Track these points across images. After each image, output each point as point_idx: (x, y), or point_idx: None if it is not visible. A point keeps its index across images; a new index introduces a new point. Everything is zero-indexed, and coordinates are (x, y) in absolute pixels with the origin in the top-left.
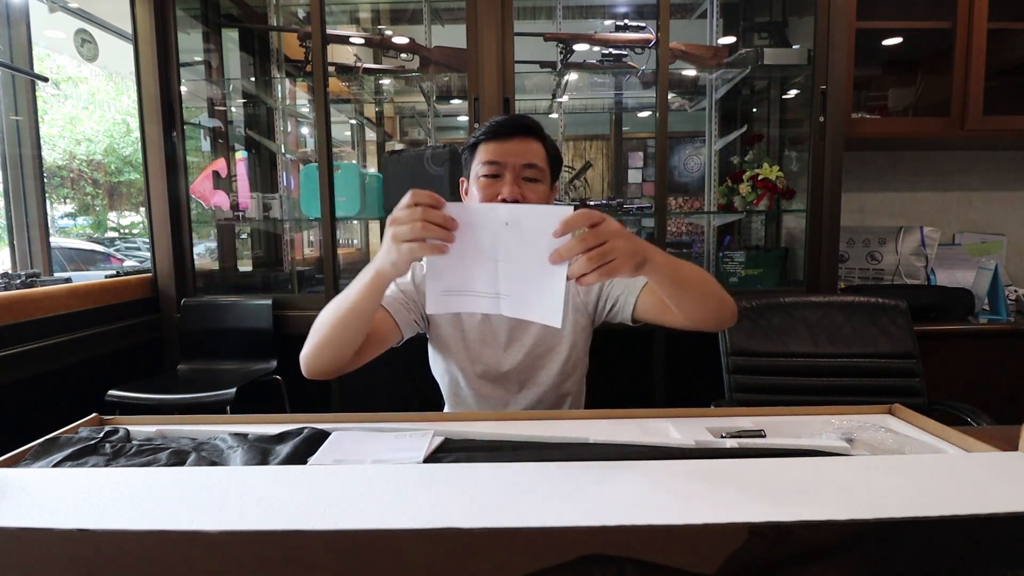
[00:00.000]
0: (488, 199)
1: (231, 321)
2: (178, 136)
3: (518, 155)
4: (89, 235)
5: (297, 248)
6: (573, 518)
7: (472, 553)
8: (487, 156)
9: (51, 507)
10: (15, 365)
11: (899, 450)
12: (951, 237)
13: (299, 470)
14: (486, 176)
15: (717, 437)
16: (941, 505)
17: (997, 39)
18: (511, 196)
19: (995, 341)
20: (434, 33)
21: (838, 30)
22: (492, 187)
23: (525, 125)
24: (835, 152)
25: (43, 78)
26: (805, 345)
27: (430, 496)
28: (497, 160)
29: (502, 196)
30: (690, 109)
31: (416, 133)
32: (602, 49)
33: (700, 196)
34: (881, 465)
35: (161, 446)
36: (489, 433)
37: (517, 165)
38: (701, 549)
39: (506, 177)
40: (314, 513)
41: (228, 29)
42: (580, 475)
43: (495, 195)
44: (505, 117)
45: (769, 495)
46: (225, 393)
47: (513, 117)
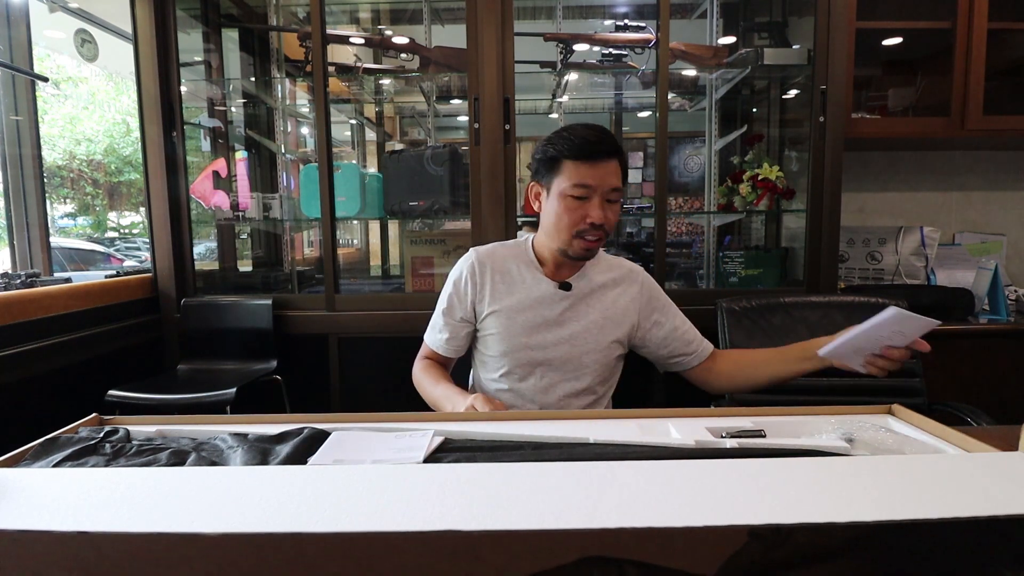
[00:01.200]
0: (576, 220)
1: (231, 321)
2: (178, 136)
3: (606, 180)
4: (89, 235)
5: (297, 248)
6: (573, 519)
7: (472, 555)
8: (578, 179)
9: (51, 507)
10: (15, 365)
11: (899, 450)
12: (951, 237)
13: (299, 470)
14: (575, 198)
15: (717, 437)
16: (941, 506)
17: (997, 39)
18: (599, 220)
19: (995, 341)
20: (434, 33)
21: (838, 30)
22: (580, 209)
23: (612, 147)
24: (835, 152)
25: (43, 78)
26: None
27: (430, 497)
28: (588, 184)
29: (590, 220)
30: (690, 109)
31: (416, 133)
32: (602, 49)
33: (700, 196)
34: (881, 465)
35: (161, 446)
36: (489, 433)
37: (605, 189)
38: (701, 551)
39: (594, 201)
40: (314, 515)
41: (228, 29)
42: (580, 475)
43: (583, 217)
44: (592, 134)
45: (769, 496)
46: (225, 393)
47: (600, 137)
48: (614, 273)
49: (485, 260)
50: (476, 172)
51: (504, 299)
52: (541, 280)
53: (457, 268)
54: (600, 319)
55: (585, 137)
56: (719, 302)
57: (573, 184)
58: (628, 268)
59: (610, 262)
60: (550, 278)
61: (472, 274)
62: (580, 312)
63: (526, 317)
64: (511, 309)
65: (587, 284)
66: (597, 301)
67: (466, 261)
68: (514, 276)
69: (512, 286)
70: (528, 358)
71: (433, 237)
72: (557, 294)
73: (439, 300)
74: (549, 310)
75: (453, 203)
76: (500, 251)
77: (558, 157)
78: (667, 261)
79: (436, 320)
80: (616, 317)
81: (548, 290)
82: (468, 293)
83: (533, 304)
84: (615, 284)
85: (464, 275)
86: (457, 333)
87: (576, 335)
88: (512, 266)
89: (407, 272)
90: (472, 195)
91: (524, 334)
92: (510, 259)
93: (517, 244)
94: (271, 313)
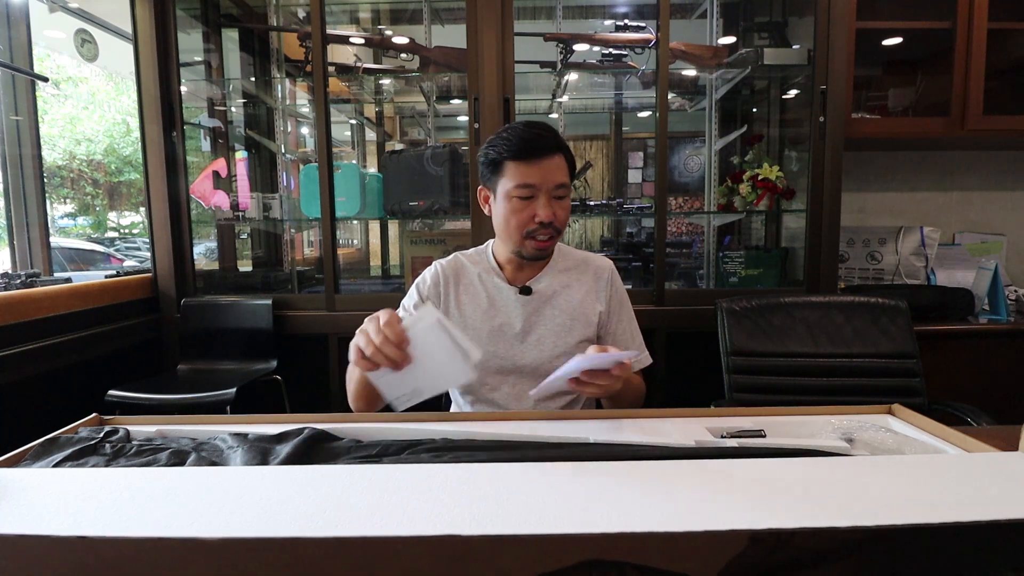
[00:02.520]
0: (524, 221)
1: (231, 321)
2: (178, 136)
3: (550, 176)
4: (89, 235)
5: (297, 248)
6: (573, 522)
7: (473, 559)
8: (520, 179)
9: (51, 508)
10: (15, 365)
11: (899, 450)
12: (951, 237)
13: (299, 471)
14: (520, 198)
15: (717, 437)
16: (942, 507)
17: (997, 39)
18: (547, 218)
19: (995, 341)
20: (434, 33)
21: (838, 30)
22: (527, 209)
23: (552, 144)
24: (835, 152)
25: (43, 78)
26: (805, 345)
27: (430, 498)
28: (531, 183)
29: (539, 218)
30: (690, 109)
31: (416, 133)
32: (602, 49)
33: (700, 196)
34: (881, 466)
35: (161, 446)
36: (489, 433)
37: (550, 187)
38: (701, 554)
39: (540, 199)
40: (314, 516)
41: (228, 29)
42: (580, 475)
43: (531, 217)
44: (528, 132)
45: (769, 498)
46: (225, 393)
47: (537, 134)
48: (577, 269)
49: (448, 271)
50: (476, 172)
51: (466, 308)
52: (502, 287)
53: (421, 279)
54: (567, 320)
55: (523, 136)
56: (719, 302)
57: (516, 185)
58: (591, 262)
59: (572, 257)
60: (511, 282)
61: (436, 283)
62: (545, 315)
63: (490, 326)
64: (475, 319)
65: (548, 285)
66: (562, 301)
67: (429, 271)
68: (475, 284)
69: (474, 296)
70: (497, 366)
71: (433, 237)
72: (519, 299)
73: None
74: (513, 317)
75: (453, 203)
76: (461, 259)
77: (499, 159)
78: (667, 261)
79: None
80: (583, 316)
81: (510, 296)
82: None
83: (496, 312)
84: (578, 280)
85: (427, 285)
86: None
87: (543, 339)
88: (473, 274)
89: (407, 272)
90: (472, 195)
91: (490, 343)
92: (471, 267)
93: (478, 251)
94: (271, 313)
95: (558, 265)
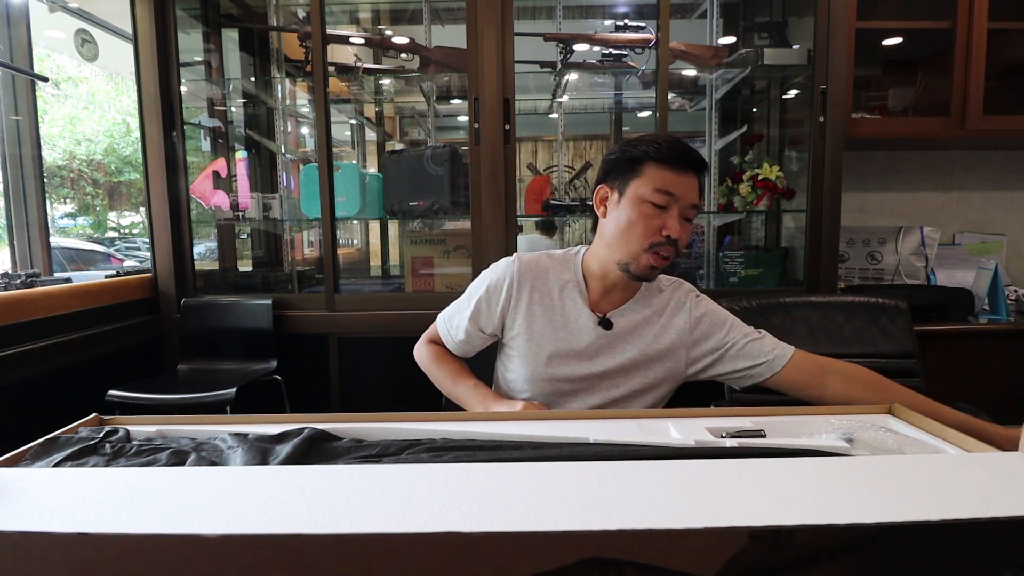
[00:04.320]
0: (652, 230)
1: (231, 321)
2: (178, 136)
3: (691, 192)
4: (89, 235)
5: (297, 248)
6: (573, 520)
7: (473, 556)
8: (663, 184)
9: (51, 508)
10: (15, 365)
11: (899, 450)
12: (951, 237)
13: (299, 471)
14: (655, 205)
15: (717, 437)
16: (942, 507)
17: (997, 39)
18: (676, 234)
19: (995, 341)
20: (434, 33)
21: (838, 30)
22: (658, 218)
23: (699, 161)
24: (835, 152)
25: (43, 78)
26: (805, 345)
27: (430, 496)
28: (673, 192)
29: (668, 231)
30: (690, 109)
31: (416, 133)
32: (602, 49)
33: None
34: (881, 465)
35: (161, 446)
36: (489, 433)
37: (686, 203)
38: (701, 552)
39: (673, 212)
40: (314, 515)
41: (228, 29)
42: (580, 475)
43: (659, 228)
44: (678, 141)
45: (769, 497)
46: (225, 393)
47: (687, 146)
48: (662, 301)
49: (526, 273)
50: (476, 172)
51: (537, 321)
52: (582, 309)
53: (495, 272)
54: (638, 356)
55: (672, 142)
56: (719, 302)
57: (655, 189)
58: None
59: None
60: (593, 307)
61: (510, 286)
62: (616, 348)
63: (555, 346)
64: (543, 335)
65: (630, 322)
66: (638, 338)
67: (507, 270)
68: (553, 296)
69: (549, 308)
70: (552, 389)
71: (433, 237)
72: (596, 330)
73: (466, 295)
74: (584, 343)
75: (453, 203)
76: (545, 263)
77: (642, 158)
78: None
79: (456, 317)
80: (658, 354)
81: (587, 323)
82: (500, 304)
83: (567, 334)
84: (659, 315)
85: (501, 285)
86: (474, 340)
87: (609, 372)
88: (555, 284)
89: (407, 272)
90: (472, 195)
91: (548, 364)
92: (553, 276)
93: (567, 257)
94: (271, 313)
95: (646, 297)
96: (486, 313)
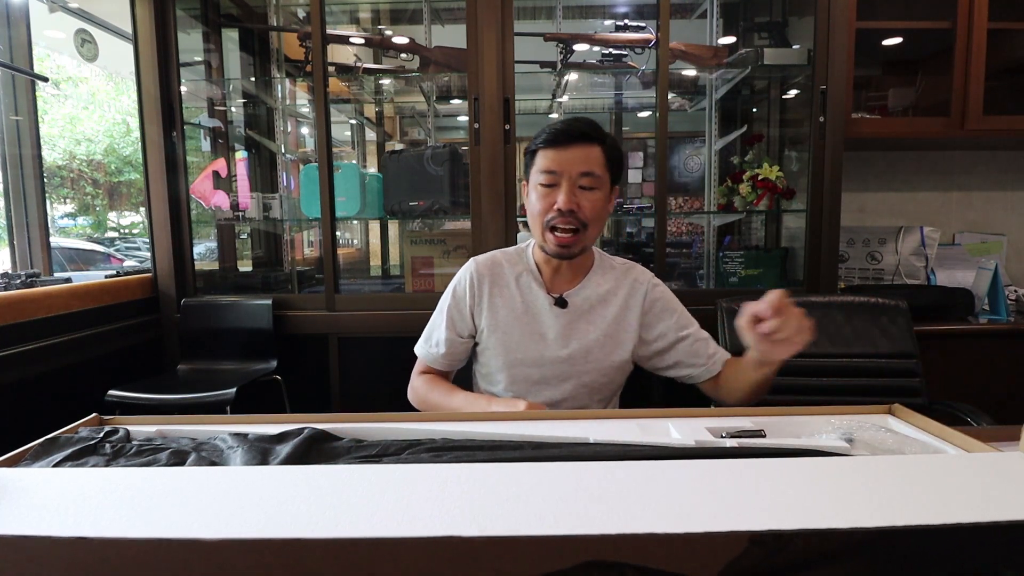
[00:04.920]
0: (545, 208)
1: (231, 321)
2: (178, 136)
3: (575, 164)
4: (89, 235)
5: (297, 248)
6: (574, 523)
7: (474, 559)
8: (544, 165)
9: (51, 508)
10: (15, 365)
11: (899, 450)
12: (951, 237)
13: (299, 471)
14: (543, 185)
15: (717, 437)
16: (942, 508)
17: (997, 39)
18: (566, 206)
19: (995, 341)
20: (434, 33)
21: (838, 30)
22: (549, 196)
23: (583, 132)
24: (835, 152)
25: (43, 78)
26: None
27: (431, 498)
28: (553, 169)
29: (557, 206)
30: (690, 109)
31: (416, 133)
32: (602, 49)
33: (700, 196)
34: (881, 466)
35: (161, 446)
36: (489, 433)
37: (574, 174)
38: (701, 555)
39: (562, 186)
40: (314, 517)
41: (228, 29)
42: (580, 476)
43: (551, 204)
44: (564, 122)
45: (769, 499)
46: (225, 393)
47: (571, 123)
48: (616, 282)
49: (484, 271)
50: (476, 172)
51: (500, 312)
52: (538, 293)
53: (456, 279)
54: (601, 337)
55: (555, 125)
56: (719, 302)
57: (540, 171)
58: (631, 274)
59: (612, 269)
60: (548, 289)
61: (471, 285)
62: (580, 330)
63: (522, 332)
64: (508, 324)
65: (585, 299)
66: (598, 317)
67: (465, 272)
68: (511, 287)
69: (509, 299)
70: (524, 375)
71: (433, 237)
72: (554, 310)
73: (436, 312)
74: (547, 326)
75: (453, 203)
76: (500, 259)
77: (535, 149)
78: (667, 261)
79: (432, 334)
80: (616, 334)
81: (545, 305)
82: (467, 305)
83: (530, 319)
84: (615, 294)
85: (464, 287)
86: (455, 348)
87: (575, 355)
88: (510, 276)
89: (407, 272)
90: (472, 195)
91: (520, 350)
92: (508, 268)
93: (518, 250)
94: (271, 313)
95: (597, 276)
96: (458, 317)
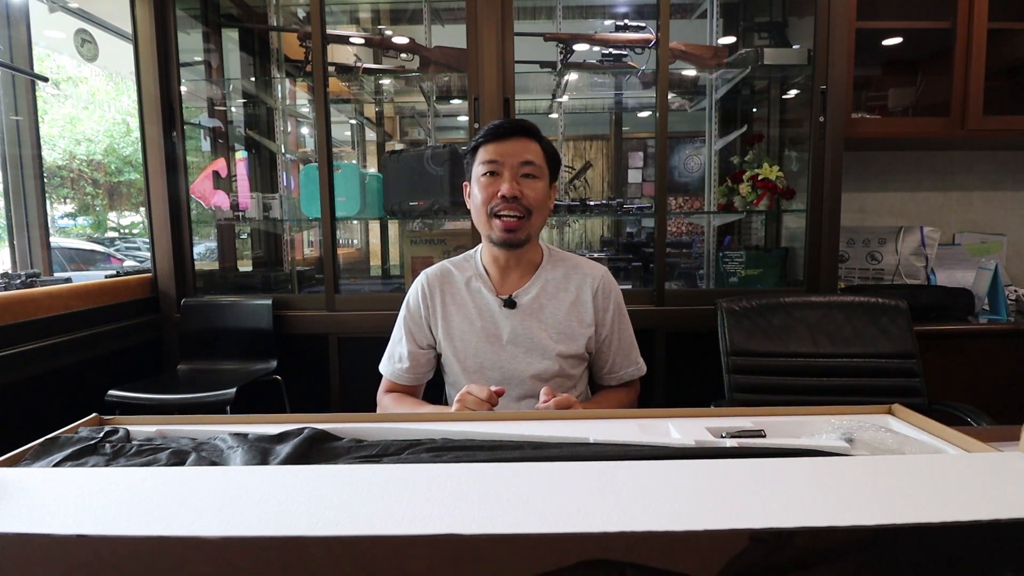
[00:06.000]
0: (488, 197)
1: (231, 321)
2: (178, 136)
3: (515, 154)
4: (89, 235)
5: (297, 248)
6: (573, 522)
7: (474, 558)
8: (486, 156)
9: (50, 508)
10: (15, 365)
11: (899, 450)
12: (951, 237)
13: (299, 471)
14: (486, 175)
15: (717, 437)
16: (943, 508)
17: (997, 39)
18: (510, 192)
19: (995, 341)
20: (434, 33)
21: (838, 30)
22: (491, 186)
23: (521, 126)
24: (835, 152)
25: (43, 78)
26: (805, 345)
27: (431, 497)
28: (495, 159)
29: (501, 192)
30: (690, 109)
31: (416, 133)
32: (602, 49)
33: (700, 196)
34: (881, 466)
35: (161, 446)
36: (489, 433)
37: (515, 163)
38: (702, 554)
39: (504, 175)
40: (314, 516)
41: (228, 29)
42: (580, 475)
43: (495, 192)
44: (506, 119)
45: (769, 498)
46: (225, 393)
47: (509, 119)
48: (567, 277)
49: (434, 282)
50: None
51: (454, 319)
52: (488, 297)
53: (409, 293)
54: (553, 334)
55: (494, 123)
56: (719, 302)
57: (482, 163)
58: (582, 270)
59: (563, 264)
60: (496, 291)
61: (423, 296)
62: (530, 328)
63: (477, 337)
64: (462, 330)
65: (535, 297)
66: (548, 315)
67: (416, 285)
68: (462, 293)
69: (461, 305)
70: (486, 378)
71: (433, 237)
72: (503, 311)
73: (395, 329)
74: (500, 328)
75: (453, 203)
76: (448, 267)
77: (475, 146)
78: (667, 261)
79: (395, 350)
80: (568, 330)
81: (495, 307)
82: (422, 316)
83: (483, 323)
84: (564, 289)
85: (417, 299)
86: (418, 360)
87: (530, 352)
88: (460, 282)
89: (407, 272)
90: None
91: (478, 354)
92: (458, 274)
93: (466, 256)
94: (271, 313)
95: (546, 273)
96: (416, 329)
